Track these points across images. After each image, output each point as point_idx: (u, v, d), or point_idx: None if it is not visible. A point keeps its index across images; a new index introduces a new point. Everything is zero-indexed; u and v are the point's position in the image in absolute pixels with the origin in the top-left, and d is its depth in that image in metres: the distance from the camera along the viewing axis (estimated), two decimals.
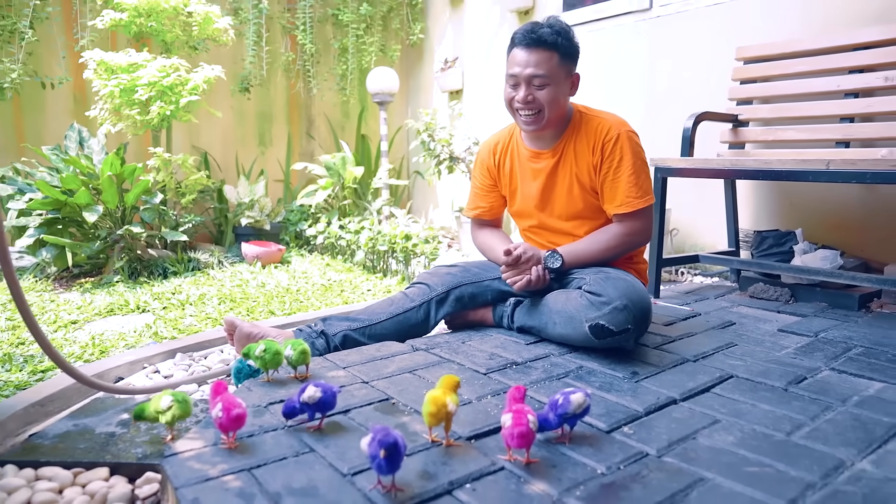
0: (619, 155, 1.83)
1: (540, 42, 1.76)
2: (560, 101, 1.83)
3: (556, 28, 1.78)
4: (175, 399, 1.24)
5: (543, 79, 1.78)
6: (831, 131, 2.51)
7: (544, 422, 1.17)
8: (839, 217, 2.66)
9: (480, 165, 2.12)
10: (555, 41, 1.76)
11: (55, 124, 3.70)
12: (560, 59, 1.79)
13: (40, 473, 1.22)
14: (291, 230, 4.08)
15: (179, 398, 1.24)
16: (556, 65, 1.78)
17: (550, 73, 1.78)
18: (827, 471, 1.10)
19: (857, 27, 2.54)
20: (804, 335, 1.97)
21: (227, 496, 1.01)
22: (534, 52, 1.77)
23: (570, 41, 1.80)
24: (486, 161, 2.10)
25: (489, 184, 2.10)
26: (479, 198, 2.14)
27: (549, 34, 1.76)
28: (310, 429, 1.25)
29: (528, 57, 1.78)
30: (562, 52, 1.78)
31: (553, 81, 1.79)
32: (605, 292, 1.67)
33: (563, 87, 1.82)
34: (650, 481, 1.07)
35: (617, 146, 1.84)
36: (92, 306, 2.63)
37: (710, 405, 1.41)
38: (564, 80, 1.82)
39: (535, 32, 1.76)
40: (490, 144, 2.10)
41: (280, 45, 4.47)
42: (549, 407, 1.20)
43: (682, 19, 3.17)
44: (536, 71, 1.77)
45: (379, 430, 0.99)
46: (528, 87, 1.80)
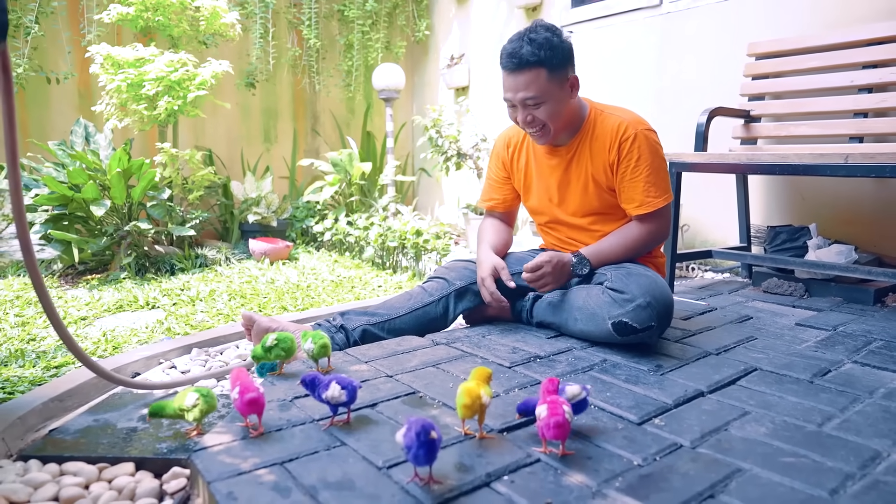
0: (637, 154, 1.79)
1: (523, 64, 1.69)
2: (561, 111, 1.78)
3: (538, 42, 1.68)
4: (200, 395, 1.22)
5: (536, 99, 1.72)
6: (845, 126, 2.50)
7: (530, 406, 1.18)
8: (852, 212, 2.65)
9: (495, 157, 2.09)
10: (538, 58, 1.68)
11: (60, 119, 3.68)
12: (549, 74, 1.71)
13: (65, 468, 1.20)
14: (298, 227, 4.06)
15: (204, 393, 1.23)
16: (545, 81, 1.71)
17: (542, 92, 1.71)
18: (864, 461, 1.09)
19: (870, 22, 2.54)
20: (823, 329, 1.96)
21: (262, 490, 0.99)
22: (520, 75, 1.71)
23: (554, 49, 1.70)
24: (500, 153, 2.07)
25: (503, 176, 2.08)
26: (492, 189, 2.11)
27: (530, 53, 1.68)
28: (338, 423, 1.24)
29: (516, 81, 1.72)
30: (549, 66, 1.70)
31: (547, 98, 1.73)
32: (629, 289, 1.66)
33: (560, 97, 1.76)
34: (688, 472, 1.06)
35: (634, 145, 1.79)
36: (101, 302, 2.61)
37: (738, 397, 1.40)
38: (560, 90, 1.75)
39: (517, 55, 1.69)
40: (506, 137, 2.07)
41: (286, 41, 4.45)
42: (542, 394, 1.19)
43: (693, 15, 3.16)
44: (527, 94, 1.72)
45: (414, 422, 0.98)
46: (525, 109, 1.75)
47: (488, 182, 2.14)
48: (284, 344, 1.51)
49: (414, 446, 0.95)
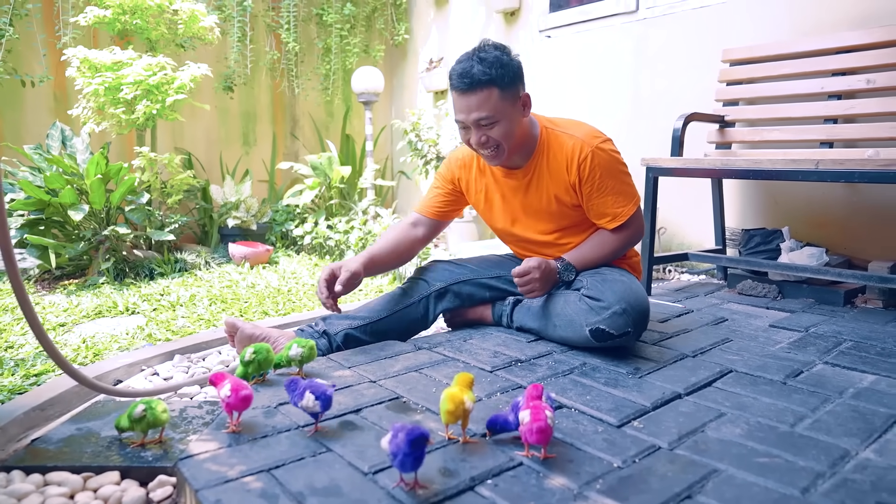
0: (598, 172, 1.78)
1: (475, 83, 1.66)
2: (515, 130, 1.74)
3: (489, 60, 1.66)
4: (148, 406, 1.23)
5: (490, 118, 1.68)
6: (816, 132, 2.57)
7: (505, 423, 1.18)
8: (823, 216, 2.73)
9: (446, 178, 2.02)
10: (490, 77, 1.65)
11: (35, 123, 3.62)
12: (501, 93, 1.68)
13: (49, 479, 1.20)
14: (278, 230, 4.04)
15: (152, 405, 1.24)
16: (497, 100, 1.68)
17: (495, 111, 1.68)
18: (834, 460, 1.13)
19: (841, 30, 2.61)
20: (795, 330, 2.02)
21: (249, 497, 1.01)
22: (472, 95, 1.67)
23: (505, 68, 1.68)
24: (453, 175, 2.01)
25: (448, 196, 2.02)
26: (432, 199, 2.04)
27: (481, 72, 1.65)
28: (321, 429, 1.25)
29: (468, 101, 1.68)
30: (501, 85, 1.67)
31: (501, 117, 1.70)
32: (604, 297, 1.69)
33: (513, 116, 1.73)
34: (666, 473, 1.09)
35: (594, 164, 1.77)
36: (79, 308, 2.58)
37: (714, 399, 1.44)
38: (513, 108, 1.72)
39: (468, 74, 1.66)
40: (460, 159, 2.00)
41: (264, 44, 4.43)
42: (511, 408, 1.21)
43: (669, 21, 3.22)
44: (480, 114, 1.68)
45: (400, 428, 0.99)
46: (479, 129, 1.71)
47: (429, 193, 2.06)
48: (261, 356, 1.51)
49: (400, 453, 0.97)
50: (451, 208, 2.04)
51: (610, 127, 3.48)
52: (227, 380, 1.27)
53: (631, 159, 3.24)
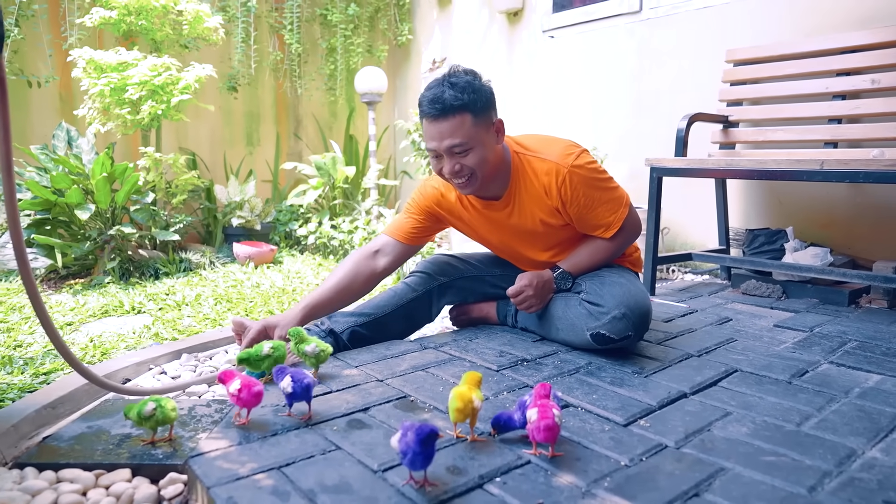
0: (581, 190, 1.72)
1: (447, 109, 1.59)
2: (489, 157, 1.68)
3: (461, 85, 1.61)
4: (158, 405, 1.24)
5: (463, 145, 1.62)
6: (820, 132, 2.58)
7: (509, 420, 1.19)
8: (827, 216, 2.73)
9: (420, 208, 1.91)
10: (462, 102, 1.59)
11: (41, 124, 3.64)
12: (474, 119, 1.62)
13: (61, 475, 1.21)
14: (282, 230, 4.06)
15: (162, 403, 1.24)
16: (471, 126, 1.62)
17: (468, 137, 1.62)
18: (840, 459, 1.14)
19: (845, 30, 2.62)
20: (800, 330, 2.03)
21: (261, 494, 1.02)
22: (444, 122, 1.61)
23: (477, 93, 1.62)
24: (430, 207, 1.91)
25: (422, 222, 1.92)
26: (405, 224, 1.92)
27: (453, 97, 1.59)
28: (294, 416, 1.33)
29: (441, 128, 1.61)
30: (474, 110, 1.62)
31: (475, 143, 1.63)
32: (603, 301, 1.68)
33: (487, 142, 1.66)
34: (673, 472, 1.10)
35: (574, 185, 1.71)
36: (85, 308, 2.60)
37: (720, 398, 1.44)
38: (486, 134, 1.66)
39: (440, 100, 1.60)
40: (437, 191, 1.90)
41: (268, 45, 4.44)
42: (518, 406, 1.21)
43: (672, 22, 3.23)
44: (453, 140, 1.61)
45: (409, 426, 1.00)
46: (452, 157, 1.64)
47: (401, 217, 1.95)
48: (278, 353, 1.52)
49: (410, 451, 0.98)
50: (424, 234, 1.93)
51: (614, 127, 3.51)
52: (236, 377, 1.28)
53: (635, 159, 3.27)
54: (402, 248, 1.90)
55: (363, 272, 1.85)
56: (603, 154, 3.36)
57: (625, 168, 3.40)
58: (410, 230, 1.90)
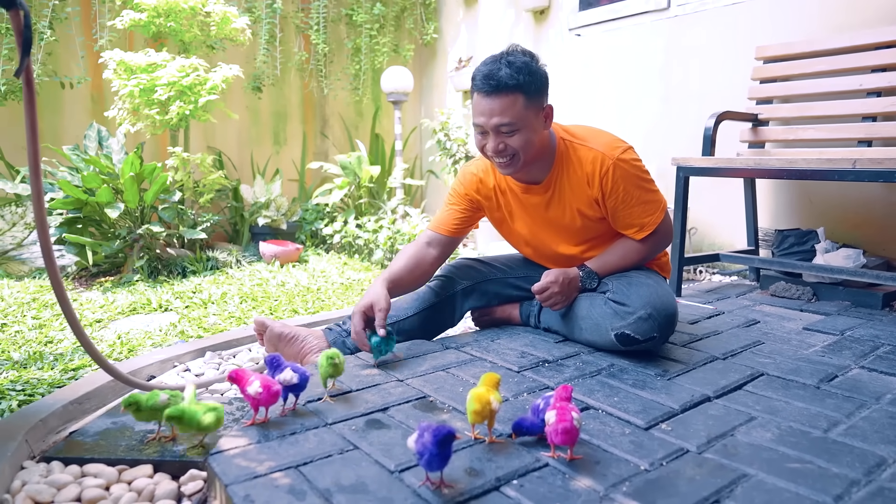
0: (622, 185, 1.71)
1: (501, 87, 1.58)
2: (534, 141, 1.66)
3: (517, 65, 1.59)
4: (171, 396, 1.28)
5: (511, 126, 1.61)
6: (853, 130, 2.51)
7: (531, 426, 1.18)
8: (860, 216, 2.66)
9: (462, 196, 1.91)
10: (517, 82, 1.58)
11: (73, 124, 3.73)
12: (526, 100, 1.61)
13: (86, 470, 1.24)
14: (307, 229, 4.09)
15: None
16: (522, 107, 1.60)
17: (518, 119, 1.61)
18: (869, 468, 1.11)
19: (878, 25, 2.54)
20: (830, 333, 1.98)
21: (278, 493, 1.02)
22: (496, 99, 1.59)
23: (533, 75, 1.61)
24: (470, 194, 1.90)
25: (465, 213, 1.91)
26: (449, 217, 1.92)
27: (508, 76, 1.58)
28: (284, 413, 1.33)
29: (492, 105, 1.60)
30: (527, 92, 1.60)
31: (523, 125, 1.62)
32: (630, 301, 1.66)
33: (535, 126, 1.65)
34: (694, 477, 1.08)
35: (616, 177, 1.70)
36: (114, 305, 2.65)
37: (745, 402, 1.41)
38: (535, 118, 1.65)
39: (495, 77, 1.58)
40: (475, 176, 1.90)
41: (294, 45, 4.48)
42: (532, 411, 1.20)
43: (700, 19, 3.17)
44: (502, 119, 1.60)
45: (426, 427, 1.00)
46: (498, 136, 1.63)
47: (444, 210, 1.94)
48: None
49: (427, 452, 0.98)
50: (466, 224, 1.93)
51: (640, 126, 3.46)
52: (253, 377, 1.29)
53: (661, 159, 3.22)
54: (447, 241, 1.91)
55: (426, 257, 1.87)
56: None
57: (652, 167, 3.33)
58: (453, 222, 1.91)
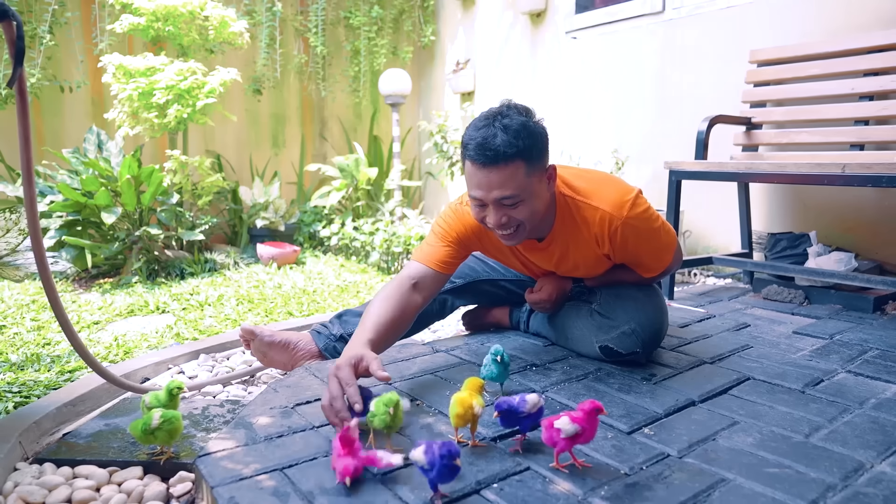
0: (632, 241, 1.59)
1: (499, 157, 1.39)
2: (540, 209, 1.51)
3: (514, 129, 1.40)
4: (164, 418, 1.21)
5: (514, 198, 1.44)
6: (846, 134, 2.52)
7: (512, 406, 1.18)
8: (853, 219, 2.67)
9: (452, 240, 1.67)
10: (517, 150, 1.39)
11: (74, 127, 3.76)
12: (528, 168, 1.43)
13: (77, 471, 1.26)
14: (305, 231, 4.11)
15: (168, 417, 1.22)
16: (524, 176, 1.42)
17: (521, 189, 1.43)
18: (847, 473, 1.12)
19: (872, 30, 2.55)
20: (819, 337, 1.99)
21: (262, 495, 1.04)
22: (494, 171, 1.40)
23: (533, 137, 1.43)
24: (466, 240, 1.69)
25: (457, 251, 1.69)
26: (436, 252, 1.66)
27: (506, 144, 1.38)
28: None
29: (489, 177, 1.41)
30: (528, 158, 1.42)
31: (526, 196, 1.45)
32: (614, 315, 1.66)
33: (539, 193, 1.49)
34: (672, 481, 1.09)
35: (626, 235, 1.57)
36: (112, 307, 2.67)
37: (729, 407, 1.43)
38: (539, 184, 1.48)
39: (491, 147, 1.39)
40: (471, 223, 1.65)
41: (293, 48, 4.51)
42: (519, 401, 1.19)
43: (695, 22, 3.19)
44: (503, 192, 1.42)
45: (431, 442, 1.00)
46: (499, 209, 1.46)
47: (436, 245, 1.68)
48: (170, 425, 1.21)
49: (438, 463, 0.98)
50: (459, 262, 1.71)
51: (635, 129, 3.47)
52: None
53: (657, 162, 3.24)
54: (439, 278, 1.66)
55: (410, 308, 1.58)
56: (625, 156, 3.33)
57: (647, 170, 3.37)
58: (445, 259, 1.66)
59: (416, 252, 1.70)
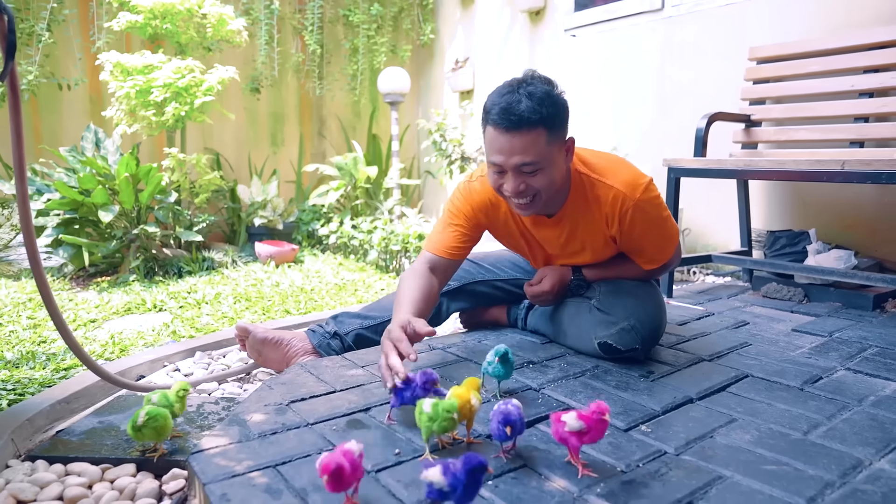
0: (640, 224, 1.61)
1: (522, 123, 1.42)
2: (557, 179, 1.54)
3: (538, 96, 1.43)
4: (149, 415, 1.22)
5: (534, 165, 1.46)
6: (845, 131, 2.51)
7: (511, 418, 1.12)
8: (853, 217, 2.66)
9: (465, 217, 1.73)
10: (540, 116, 1.42)
11: (71, 125, 3.75)
12: (549, 136, 1.46)
13: (70, 469, 1.25)
14: (304, 230, 4.10)
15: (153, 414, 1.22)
16: (545, 144, 1.45)
17: (541, 157, 1.46)
18: (845, 470, 1.11)
19: (872, 27, 2.54)
20: (818, 335, 1.98)
21: (254, 492, 1.03)
22: (516, 136, 1.43)
23: (556, 107, 1.46)
24: (476, 217, 1.73)
25: (467, 232, 1.73)
26: (449, 238, 1.72)
27: (530, 110, 1.42)
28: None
29: (511, 142, 1.44)
30: (550, 127, 1.45)
31: (546, 164, 1.48)
32: (613, 311, 1.66)
33: (558, 163, 1.51)
34: (669, 479, 1.08)
35: (635, 218, 1.60)
36: (110, 305, 2.67)
37: (727, 404, 1.42)
38: (558, 154, 1.51)
39: (515, 111, 1.42)
40: (485, 201, 1.71)
41: (291, 46, 4.50)
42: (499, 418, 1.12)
43: (694, 19, 3.17)
44: (524, 158, 1.45)
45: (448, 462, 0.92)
46: (518, 176, 1.49)
47: (446, 230, 1.74)
48: (156, 423, 1.23)
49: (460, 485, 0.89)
50: (469, 246, 1.76)
51: (635, 126, 3.46)
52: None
53: (656, 159, 3.22)
54: (451, 264, 1.73)
55: (433, 289, 1.66)
56: (624, 154, 3.32)
57: (646, 168, 3.32)
58: (454, 244, 1.71)
59: (427, 241, 1.76)
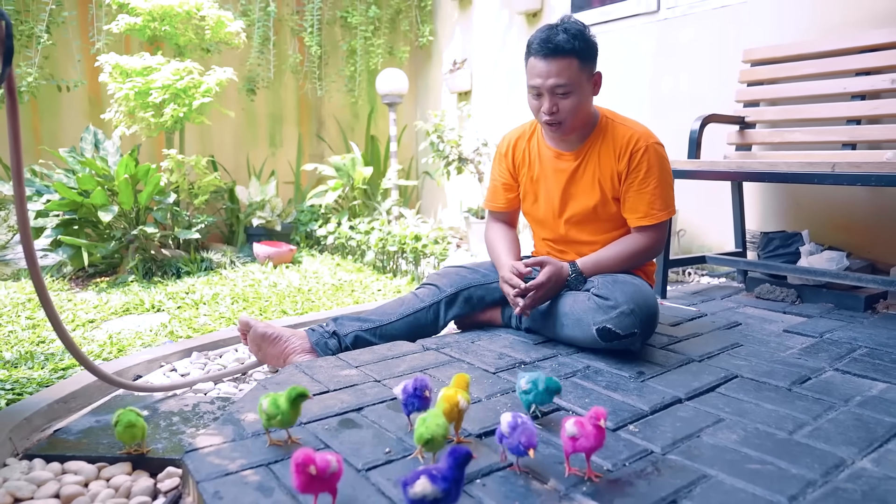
0: (646, 167, 1.85)
1: (558, 50, 1.72)
2: (584, 105, 1.83)
3: (573, 31, 1.73)
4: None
5: (566, 87, 1.76)
6: (838, 133, 2.53)
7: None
8: (846, 218, 2.68)
9: (501, 160, 2.10)
10: (573, 47, 1.72)
11: (71, 127, 3.77)
12: (580, 64, 1.75)
13: (66, 467, 1.27)
14: (302, 230, 4.12)
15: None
16: (576, 70, 1.75)
17: (572, 81, 1.75)
18: (827, 469, 1.13)
19: (865, 29, 2.56)
20: (809, 336, 2.00)
21: (246, 490, 1.05)
22: (553, 62, 1.74)
23: (587, 42, 1.76)
24: (506, 156, 2.08)
25: (510, 179, 2.09)
26: (499, 192, 2.12)
27: (565, 40, 1.72)
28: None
29: (548, 67, 1.74)
30: (581, 57, 1.75)
31: (576, 88, 1.77)
32: (613, 296, 1.70)
33: (586, 90, 1.81)
34: (654, 478, 1.10)
35: (644, 157, 1.84)
36: (108, 305, 2.69)
37: (715, 404, 1.44)
38: (587, 83, 1.81)
39: (552, 41, 1.72)
40: (511, 139, 2.08)
41: (289, 47, 4.52)
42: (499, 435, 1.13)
43: (689, 21, 3.19)
44: (558, 81, 1.75)
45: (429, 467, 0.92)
46: (552, 97, 1.78)
47: (494, 185, 2.14)
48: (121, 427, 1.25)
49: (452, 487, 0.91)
50: (516, 193, 2.11)
51: None
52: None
53: None
54: (513, 212, 2.16)
55: (514, 234, 2.13)
56: None
57: None
58: (507, 196, 2.11)
59: (486, 201, 2.19)
